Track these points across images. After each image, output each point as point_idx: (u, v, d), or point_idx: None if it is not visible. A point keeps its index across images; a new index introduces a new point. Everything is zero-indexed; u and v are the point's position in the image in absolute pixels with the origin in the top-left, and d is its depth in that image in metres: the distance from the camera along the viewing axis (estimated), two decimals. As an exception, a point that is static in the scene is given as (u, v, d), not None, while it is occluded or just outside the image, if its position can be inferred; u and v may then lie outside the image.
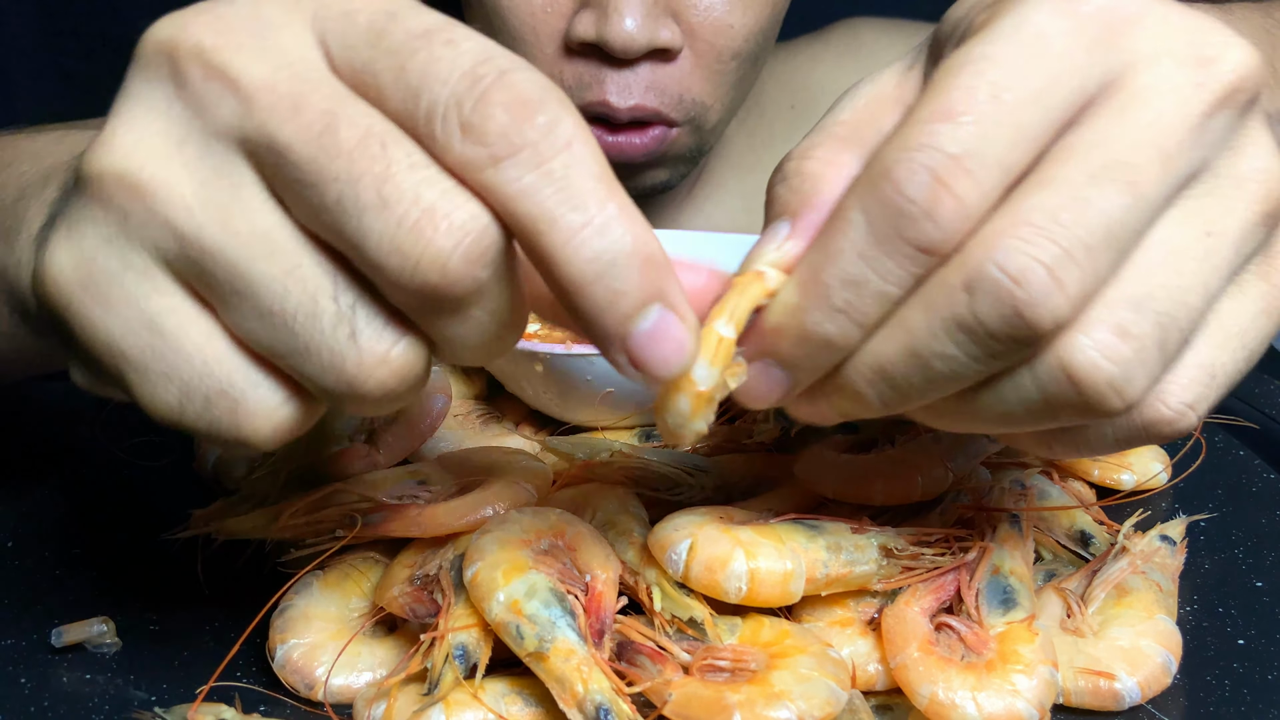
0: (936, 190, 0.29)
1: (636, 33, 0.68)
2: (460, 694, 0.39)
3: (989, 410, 0.32)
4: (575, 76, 0.72)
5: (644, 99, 0.72)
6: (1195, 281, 0.31)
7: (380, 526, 0.45)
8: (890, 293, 0.30)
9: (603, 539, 0.44)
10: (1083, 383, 0.30)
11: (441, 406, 0.52)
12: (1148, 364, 0.31)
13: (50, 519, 0.54)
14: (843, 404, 0.33)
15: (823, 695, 0.37)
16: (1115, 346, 0.30)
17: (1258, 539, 0.51)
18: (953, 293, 0.30)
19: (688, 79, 0.73)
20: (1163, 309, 0.31)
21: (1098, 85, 0.31)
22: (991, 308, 0.29)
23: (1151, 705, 0.41)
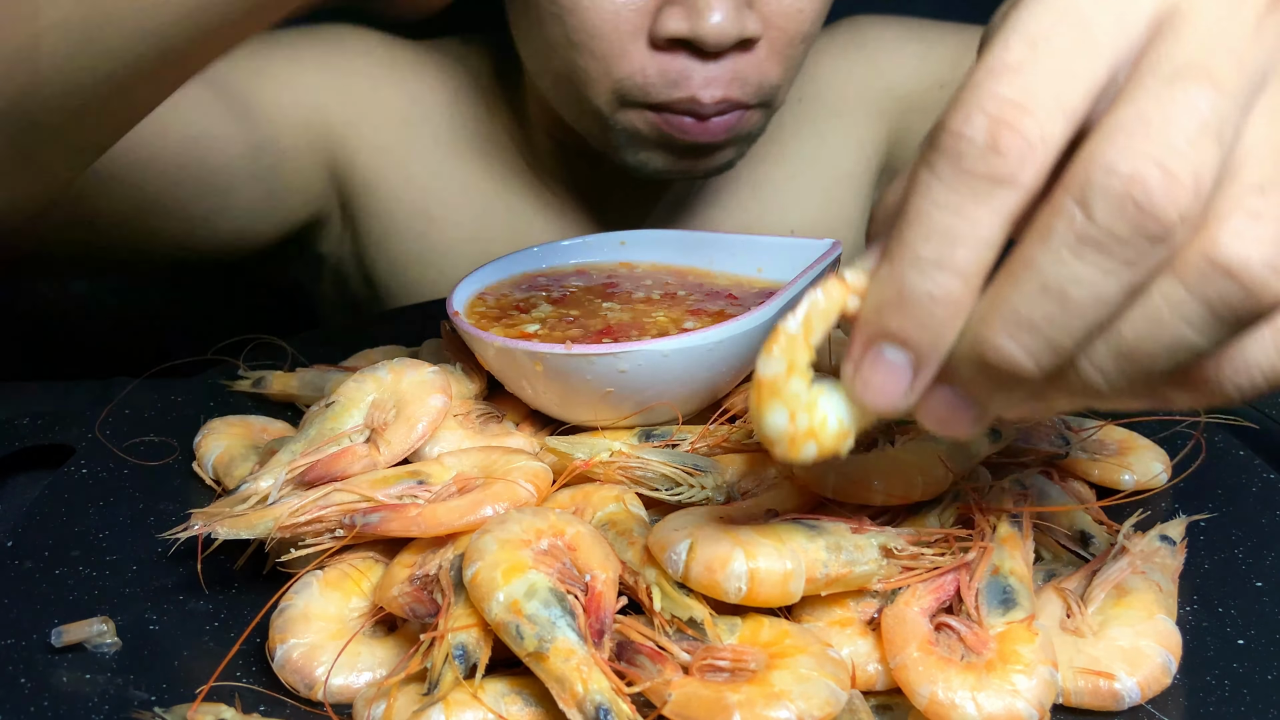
0: (996, 127, 0.29)
1: (728, 26, 0.69)
2: (460, 694, 0.39)
3: (1153, 341, 0.30)
4: (661, 74, 0.73)
5: (729, 91, 0.73)
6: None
7: (380, 526, 0.45)
8: (976, 233, 0.30)
9: (602, 539, 0.44)
10: (1238, 272, 0.29)
11: (441, 406, 0.52)
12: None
13: (50, 519, 0.54)
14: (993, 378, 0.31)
15: (823, 695, 0.37)
16: (1255, 229, 0.29)
17: (1258, 539, 0.51)
18: (1067, 214, 0.29)
19: (764, 65, 0.75)
20: None
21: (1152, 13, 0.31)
22: (1112, 210, 0.29)
23: (1151, 705, 0.41)
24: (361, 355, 0.69)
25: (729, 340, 0.52)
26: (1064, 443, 0.52)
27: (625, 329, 0.57)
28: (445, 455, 0.50)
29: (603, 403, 0.53)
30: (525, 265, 0.65)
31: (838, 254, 0.56)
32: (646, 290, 0.62)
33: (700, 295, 0.61)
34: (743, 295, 0.60)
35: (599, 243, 0.67)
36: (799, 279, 0.54)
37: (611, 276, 0.65)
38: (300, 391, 0.64)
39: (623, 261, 0.66)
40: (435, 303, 0.74)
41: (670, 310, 0.59)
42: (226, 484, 0.55)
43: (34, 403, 0.72)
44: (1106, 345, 0.31)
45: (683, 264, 0.65)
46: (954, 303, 0.30)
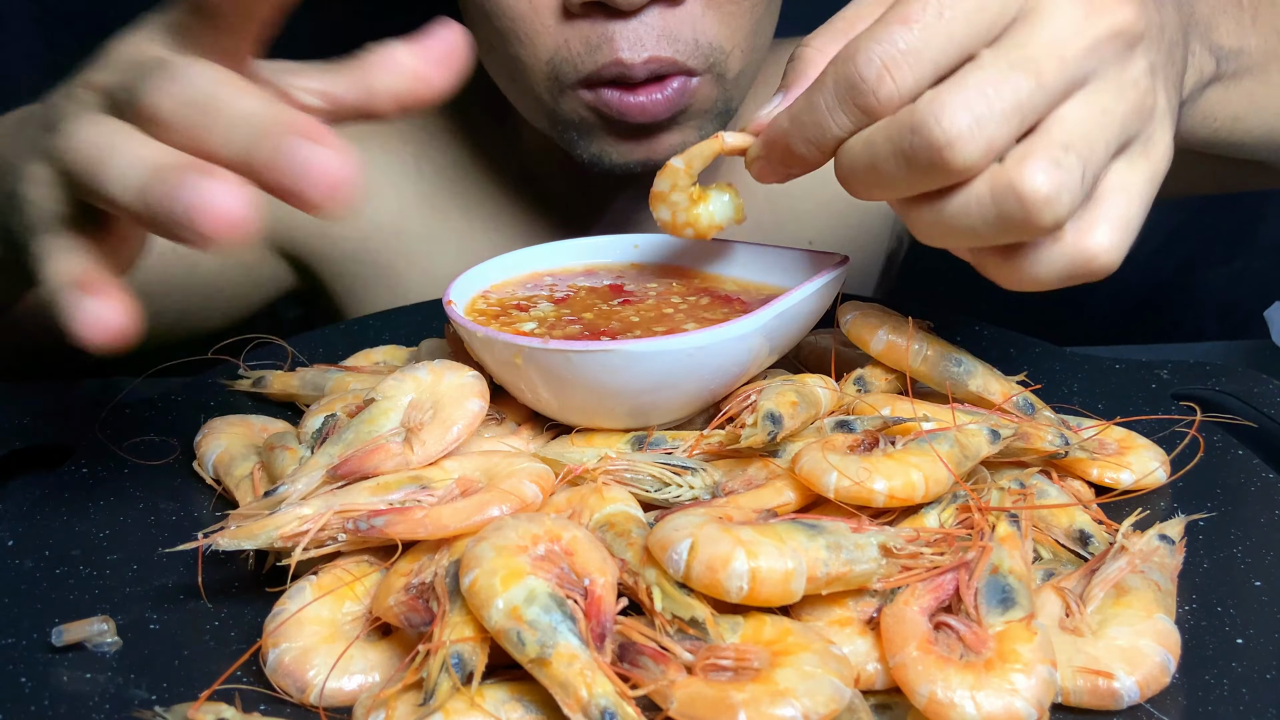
0: (883, 74, 0.43)
1: None
2: (459, 701, 0.39)
3: (954, 220, 0.44)
4: (582, 41, 0.70)
5: (657, 49, 0.70)
6: (1100, 138, 0.44)
7: (386, 530, 0.45)
8: (841, 135, 0.46)
9: (599, 542, 0.44)
10: (1026, 197, 0.42)
11: (478, 410, 0.52)
12: (1073, 190, 0.42)
13: (50, 519, 0.54)
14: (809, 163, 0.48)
15: (827, 692, 0.37)
16: (1051, 171, 0.42)
17: (1256, 538, 0.51)
18: (900, 133, 0.43)
19: (700, 22, 0.71)
20: (1081, 153, 0.43)
21: (1016, 11, 0.43)
22: (922, 146, 0.42)
23: (1150, 704, 0.41)
24: (361, 355, 0.69)
25: (714, 345, 0.51)
26: (1063, 442, 0.52)
27: (627, 331, 0.57)
28: (446, 459, 0.50)
29: (595, 405, 0.53)
30: (533, 264, 0.65)
31: (844, 268, 0.56)
32: (653, 293, 0.62)
33: (706, 300, 0.61)
34: (749, 301, 0.60)
35: (611, 244, 0.66)
36: (798, 289, 0.54)
37: (619, 278, 0.64)
38: (300, 391, 0.64)
39: (632, 263, 0.66)
40: (435, 303, 0.74)
41: (675, 314, 0.59)
42: (227, 483, 0.55)
43: (34, 403, 0.72)
44: (930, 212, 0.45)
45: (691, 268, 0.65)
46: (814, 161, 0.48)
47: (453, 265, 0.84)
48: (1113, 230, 0.45)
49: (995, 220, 0.43)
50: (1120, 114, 0.44)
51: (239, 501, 0.53)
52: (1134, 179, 0.46)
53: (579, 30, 0.70)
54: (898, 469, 0.46)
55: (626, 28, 0.69)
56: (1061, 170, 0.42)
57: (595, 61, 0.70)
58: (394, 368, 0.62)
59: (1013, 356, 0.69)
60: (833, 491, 0.46)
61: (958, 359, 0.57)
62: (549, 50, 0.72)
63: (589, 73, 0.71)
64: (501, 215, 0.92)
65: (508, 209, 0.92)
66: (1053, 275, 0.46)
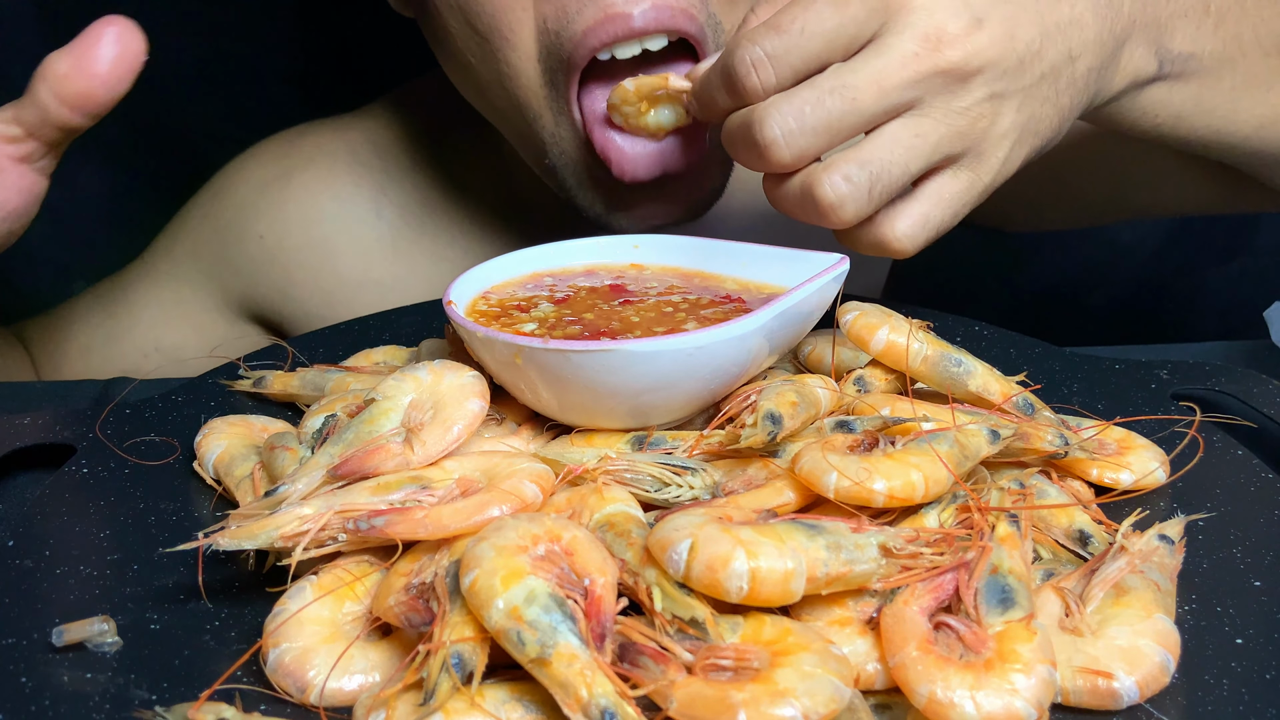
0: (750, 70, 0.54)
1: None
2: (459, 701, 0.39)
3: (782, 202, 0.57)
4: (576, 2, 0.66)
5: None
6: (900, 159, 0.54)
7: (386, 530, 0.45)
8: (723, 107, 0.57)
9: (599, 542, 0.44)
10: (819, 201, 0.54)
11: (478, 411, 0.52)
12: (858, 201, 0.54)
13: (50, 519, 0.54)
14: None
15: (827, 692, 0.37)
16: (839, 185, 0.53)
17: (1256, 539, 0.51)
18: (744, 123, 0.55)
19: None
20: (874, 170, 0.53)
21: (870, 35, 0.54)
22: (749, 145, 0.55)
23: (1150, 704, 0.41)
24: (361, 355, 0.69)
25: (714, 345, 0.51)
26: (1063, 442, 0.52)
27: (627, 331, 0.57)
28: (446, 460, 0.50)
29: (595, 405, 0.53)
30: (534, 265, 0.65)
31: (844, 268, 0.56)
32: (653, 293, 0.62)
33: (707, 300, 0.61)
34: (750, 301, 0.60)
35: (611, 244, 0.66)
36: (798, 289, 0.54)
37: (620, 278, 0.64)
38: (300, 391, 0.64)
39: (633, 263, 0.66)
40: (435, 303, 0.74)
41: (675, 314, 0.59)
42: (227, 483, 0.55)
43: (34, 403, 0.72)
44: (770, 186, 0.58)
45: (691, 268, 0.65)
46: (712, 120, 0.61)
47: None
48: (912, 225, 0.56)
49: (804, 211, 0.56)
50: (936, 137, 0.54)
51: (239, 501, 0.53)
52: (949, 187, 0.57)
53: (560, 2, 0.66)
54: (897, 469, 0.46)
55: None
56: (849, 184, 0.53)
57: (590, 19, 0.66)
58: (394, 368, 0.62)
59: (1013, 356, 0.69)
60: (833, 491, 0.46)
61: (958, 359, 0.57)
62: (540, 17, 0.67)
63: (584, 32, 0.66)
64: (469, 254, 0.90)
65: (475, 245, 0.91)
66: (864, 248, 0.58)
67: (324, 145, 0.93)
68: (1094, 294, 1.34)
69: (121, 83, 0.52)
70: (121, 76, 0.52)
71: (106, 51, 0.51)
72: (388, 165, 0.92)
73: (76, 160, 1.21)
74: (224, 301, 0.93)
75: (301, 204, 0.91)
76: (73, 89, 0.51)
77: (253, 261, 0.92)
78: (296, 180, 0.91)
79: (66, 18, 1.14)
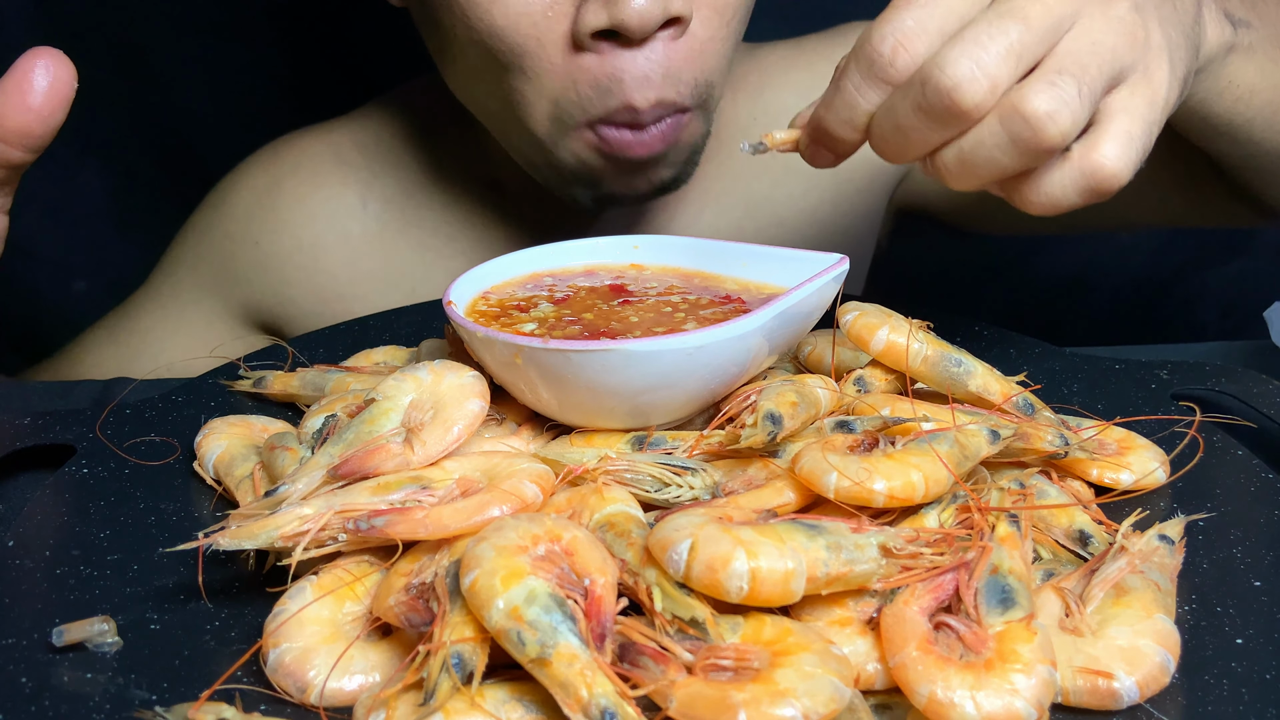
0: (897, 48, 0.50)
1: (651, 7, 0.67)
2: (460, 701, 0.39)
3: (975, 155, 0.51)
4: (593, 84, 0.71)
5: (663, 91, 0.72)
6: (1091, 63, 0.50)
7: (386, 530, 0.45)
8: (869, 109, 0.52)
9: (599, 542, 0.44)
10: (1029, 114, 0.49)
11: (478, 411, 0.52)
12: (1070, 104, 0.49)
13: (50, 519, 0.54)
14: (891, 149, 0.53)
15: (827, 692, 0.37)
16: (1048, 91, 0.49)
17: (1256, 539, 0.51)
18: (916, 87, 0.50)
19: (699, 56, 0.73)
20: (1075, 74, 0.49)
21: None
22: (936, 95, 0.49)
23: (1150, 704, 0.41)
24: (361, 355, 0.69)
25: (714, 345, 0.51)
26: (1063, 442, 0.52)
27: (627, 331, 0.57)
28: (447, 460, 0.50)
29: (595, 404, 0.53)
30: (534, 265, 0.65)
31: (844, 268, 0.56)
32: (653, 293, 0.62)
33: (707, 300, 0.61)
34: (750, 301, 0.60)
35: (611, 244, 0.66)
36: (797, 289, 0.54)
37: (619, 278, 0.64)
38: (300, 391, 0.64)
39: (632, 263, 0.66)
40: (435, 303, 0.74)
41: (675, 314, 0.59)
42: (227, 484, 0.55)
43: (34, 403, 0.72)
44: (954, 154, 0.51)
45: (691, 268, 0.65)
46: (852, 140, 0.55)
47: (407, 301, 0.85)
48: (1118, 144, 0.51)
49: (1009, 145, 0.50)
50: (1109, 45, 0.51)
51: (239, 502, 0.53)
52: (1134, 102, 0.52)
53: (586, 69, 0.71)
54: (897, 469, 0.46)
55: (635, 65, 0.71)
56: (1057, 89, 0.49)
57: (605, 105, 0.72)
58: (394, 368, 0.62)
59: (1013, 356, 0.69)
60: (833, 492, 0.46)
61: (958, 359, 0.57)
62: (555, 90, 0.73)
63: (597, 116, 0.73)
64: (454, 242, 0.93)
65: (461, 235, 0.93)
66: (1070, 193, 0.52)
67: (309, 150, 0.95)
68: (1094, 294, 1.34)
69: (56, 114, 0.51)
70: (56, 108, 0.51)
71: (39, 83, 0.51)
72: (371, 163, 0.94)
73: (76, 160, 1.21)
74: (226, 311, 0.96)
75: (292, 208, 0.94)
76: (9, 126, 0.51)
77: (251, 268, 0.94)
78: (286, 186, 0.94)
79: (66, 18, 1.15)
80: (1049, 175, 0.52)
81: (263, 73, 1.20)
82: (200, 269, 0.96)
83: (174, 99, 1.20)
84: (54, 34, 1.15)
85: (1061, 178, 0.52)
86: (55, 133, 0.52)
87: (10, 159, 0.52)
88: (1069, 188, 0.52)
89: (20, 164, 0.53)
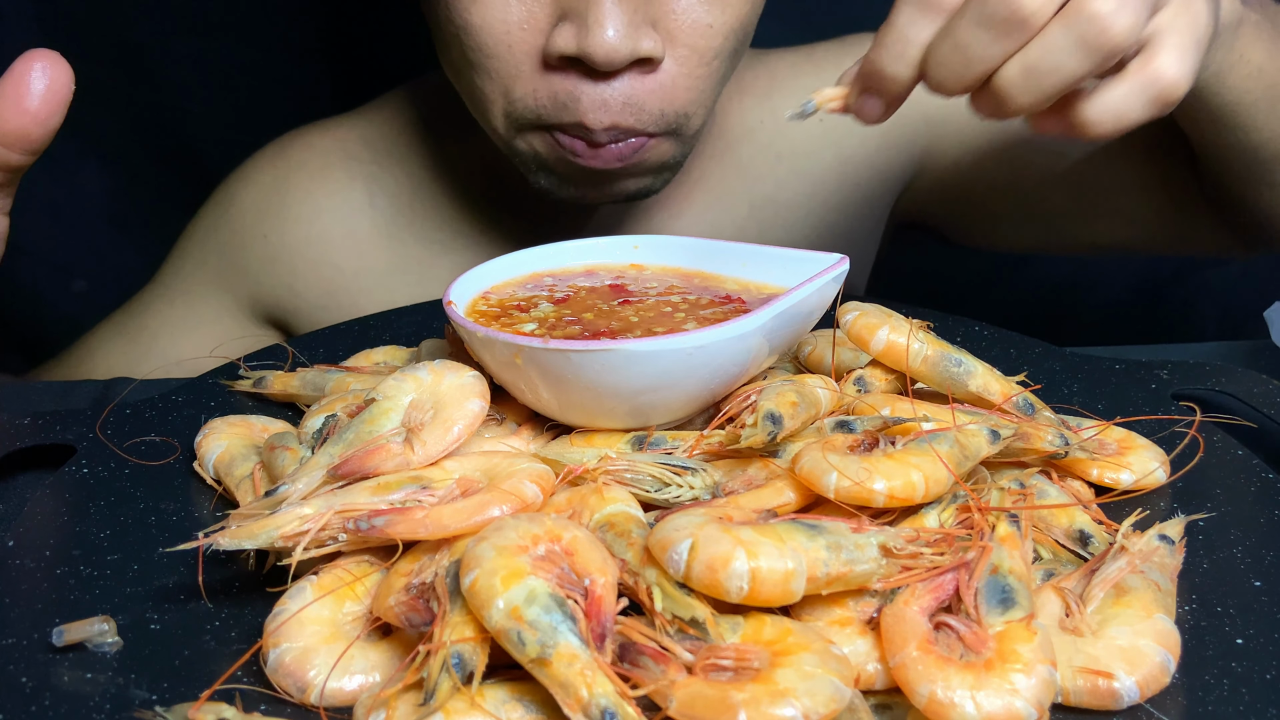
0: None
1: (619, 44, 0.67)
2: (460, 701, 0.39)
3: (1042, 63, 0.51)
4: (551, 95, 0.71)
5: (620, 117, 0.71)
6: None
7: (386, 530, 0.45)
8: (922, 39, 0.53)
9: (599, 542, 0.44)
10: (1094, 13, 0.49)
11: (478, 411, 0.52)
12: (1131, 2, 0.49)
13: (50, 519, 0.54)
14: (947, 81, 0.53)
15: (827, 692, 0.37)
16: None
17: (1256, 539, 0.51)
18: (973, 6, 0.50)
19: (669, 91, 0.72)
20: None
21: None
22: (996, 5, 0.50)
23: (1150, 704, 0.41)
24: (361, 355, 0.69)
25: (714, 345, 0.51)
26: (1063, 442, 0.52)
27: (627, 330, 0.57)
28: (447, 460, 0.50)
29: (595, 404, 0.53)
30: (534, 265, 0.65)
31: (844, 268, 0.56)
32: (653, 293, 0.62)
33: (707, 300, 0.61)
34: (750, 301, 0.60)
35: (611, 244, 0.66)
36: (797, 289, 0.54)
37: (620, 278, 0.64)
38: (300, 391, 0.64)
39: (632, 263, 0.66)
40: (435, 303, 0.74)
41: (675, 314, 0.59)
42: (227, 484, 0.55)
43: (34, 403, 0.72)
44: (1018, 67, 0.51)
45: (691, 268, 0.65)
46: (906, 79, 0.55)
47: (412, 294, 0.85)
48: (1174, 54, 0.52)
49: (1075, 48, 0.50)
50: None
51: (239, 502, 0.53)
52: (1180, 22, 0.53)
53: (549, 84, 0.71)
54: (898, 469, 0.46)
55: (596, 90, 0.70)
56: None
57: (559, 118, 0.72)
58: (394, 368, 0.62)
59: (1013, 356, 0.69)
60: (833, 491, 0.46)
61: (958, 359, 0.57)
62: (516, 94, 0.73)
63: (550, 124, 0.73)
64: (460, 237, 0.93)
65: (466, 230, 0.94)
66: (1135, 105, 0.53)
67: (316, 145, 0.96)
68: (1094, 294, 1.34)
69: (54, 116, 0.51)
70: (53, 111, 0.51)
71: (37, 86, 0.50)
72: (379, 158, 0.94)
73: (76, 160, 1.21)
74: (235, 307, 0.96)
75: (300, 203, 0.94)
76: (7, 129, 0.51)
77: (259, 262, 0.94)
78: (294, 181, 0.94)
79: (66, 17, 1.15)
80: (1111, 91, 0.53)
81: (263, 73, 1.20)
82: (209, 264, 0.96)
83: (174, 99, 1.20)
84: (54, 33, 1.15)
85: (1125, 91, 0.52)
86: (53, 135, 0.52)
87: (8, 162, 0.52)
88: (1133, 100, 0.53)
89: (19, 166, 0.53)
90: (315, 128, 0.97)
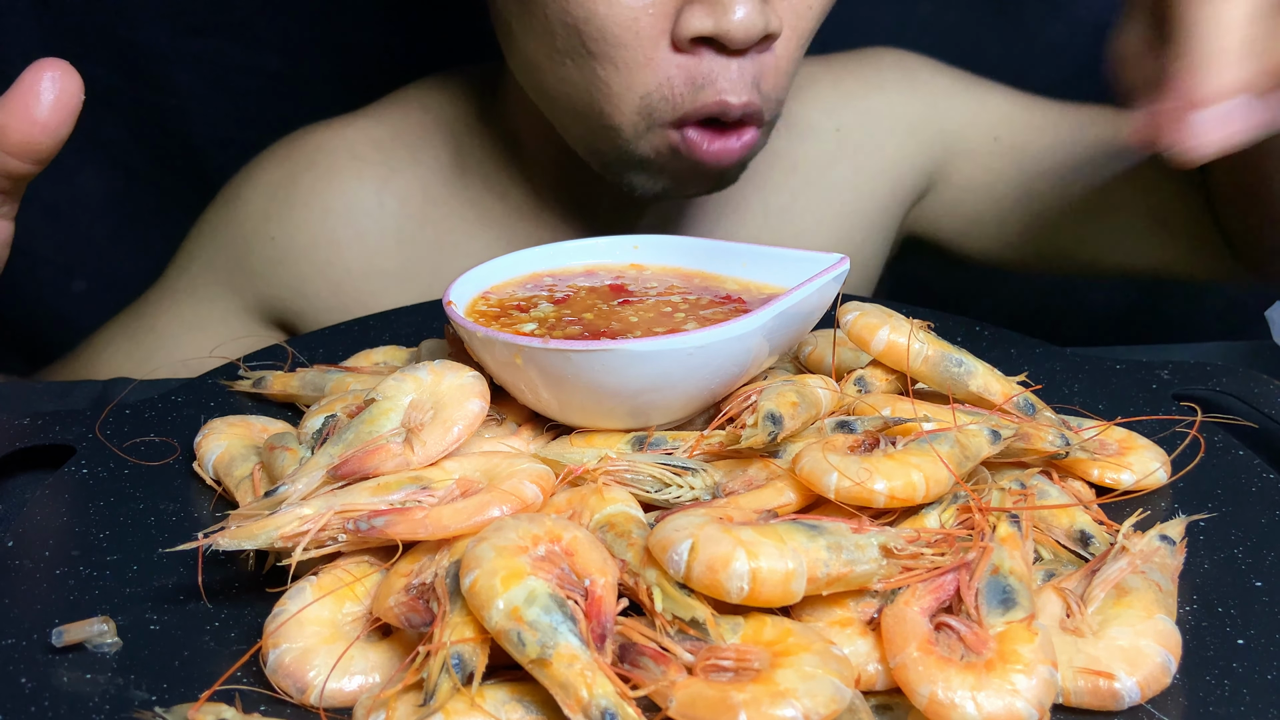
0: None
1: (754, 19, 0.68)
2: (460, 702, 0.39)
3: None
4: (687, 79, 0.71)
5: (753, 95, 0.72)
6: None
7: (386, 530, 0.44)
8: None
9: (599, 543, 0.44)
10: None
11: (478, 411, 0.52)
12: None
13: (50, 519, 0.54)
14: None
15: (828, 693, 0.37)
16: None
17: (1257, 539, 0.51)
18: None
19: (778, 74, 0.74)
20: None
21: None
22: None
23: (1151, 705, 0.41)
24: (361, 355, 0.69)
25: (714, 345, 0.51)
26: (1064, 443, 0.52)
27: (627, 331, 0.57)
28: (447, 460, 0.50)
29: (595, 405, 0.53)
30: (534, 265, 0.65)
31: (844, 268, 0.56)
32: (653, 293, 0.62)
33: (707, 300, 0.61)
34: (750, 301, 0.60)
35: (611, 244, 0.66)
36: (798, 289, 0.54)
37: (620, 278, 0.64)
38: (300, 391, 0.64)
39: (632, 263, 0.66)
40: (435, 303, 0.74)
41: (675, 314, 0.59)
42: (227, 484, 0.55)
43: (34, 403, 0.72)
44: None
45: (691, 268, 0.65)
46: None
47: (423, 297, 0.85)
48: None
49: None
50: None
51: (239, 502, 0.53)
52: None
53: (684, 67, 0.71)
54: (898, 469, 0.46)
55: (729, 69, 0.71)
56: None
57: (697, 100, 0.72)
58: (394, 368, 0.62)
59: (1013, 356, 0.69)
60: (833, 492, 0.46)
61: (958, 359, 0.57)
62: (650, 84, 0.72)
63: (687, 111, 0.72)
64: (472, 239, 0.93)
65: (478, 233, 0.93)
66: None
67: (324, 145, 0.95)
68: (1095, 294, 1.34)
69: (63, 126, 0.51)
70: (62, 121, 0.51)
71: (46, 96, 0.50)
72: (388, 159, 0.94)
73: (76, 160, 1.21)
74: (242, 307, 0.96)
75: (308, 204, 0.93)
76: (15, 139, 0.50)
77: (267, 263, 0.94)
78: (302, 181, 0.94)
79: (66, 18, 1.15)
80: None
81: (263, 73, 1.20)
82: (216, 264, 0.96)
83: (174, 99, 1.20)
84: (54, 33, 1.15)
85: None
86: (61, 145, 0.52)
87: (16, 170, 0.52)
88: None
89: (26, 175, 0.52)
90: (323, 127, 0.97)
